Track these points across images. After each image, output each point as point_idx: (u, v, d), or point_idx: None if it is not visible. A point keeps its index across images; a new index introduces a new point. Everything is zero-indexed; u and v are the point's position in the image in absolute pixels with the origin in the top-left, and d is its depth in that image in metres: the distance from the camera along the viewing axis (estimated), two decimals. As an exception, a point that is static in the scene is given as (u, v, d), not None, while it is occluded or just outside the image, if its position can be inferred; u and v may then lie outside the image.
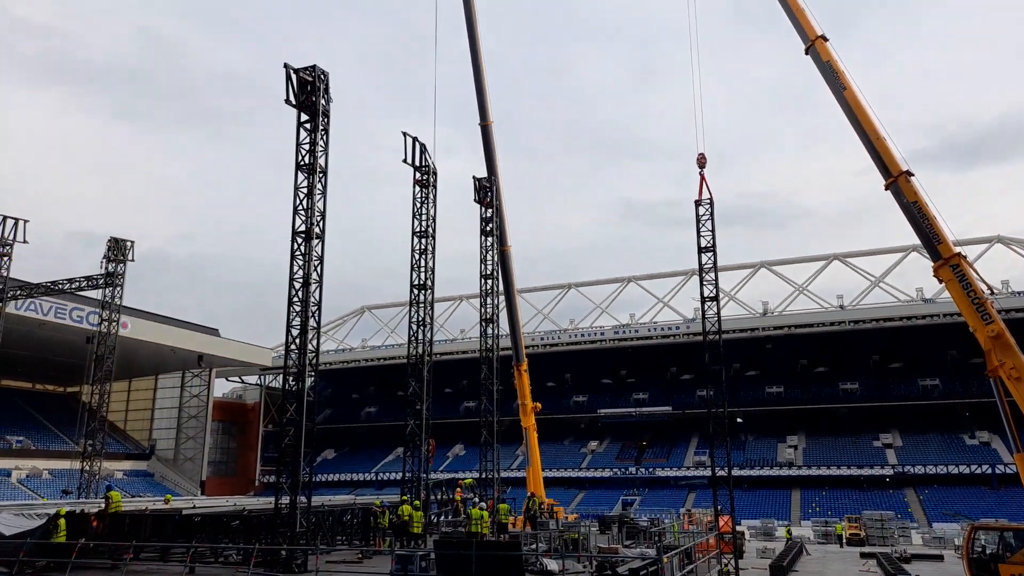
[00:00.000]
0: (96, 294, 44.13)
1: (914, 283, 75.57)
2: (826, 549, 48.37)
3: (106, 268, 41.55)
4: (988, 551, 22.45)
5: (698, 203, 30.03)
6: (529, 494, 35.62)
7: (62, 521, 19.89)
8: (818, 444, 74.34)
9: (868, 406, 74.02)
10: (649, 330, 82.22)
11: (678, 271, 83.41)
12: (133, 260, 41.95)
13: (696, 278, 29.94)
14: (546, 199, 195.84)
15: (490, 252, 35.85)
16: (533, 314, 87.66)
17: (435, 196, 31.10)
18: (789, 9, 28.39)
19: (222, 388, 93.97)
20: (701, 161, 30.45)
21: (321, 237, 22.53)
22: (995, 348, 23.08)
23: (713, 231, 29.54)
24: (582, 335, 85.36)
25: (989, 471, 62.35)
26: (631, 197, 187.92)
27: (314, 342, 21.83)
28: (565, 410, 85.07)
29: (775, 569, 31.64)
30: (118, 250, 41.68)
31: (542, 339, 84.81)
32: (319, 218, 22.50)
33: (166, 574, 18.30)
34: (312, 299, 21.99)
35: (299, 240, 22.15)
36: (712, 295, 29.24)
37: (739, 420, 73.93)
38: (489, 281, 35.75)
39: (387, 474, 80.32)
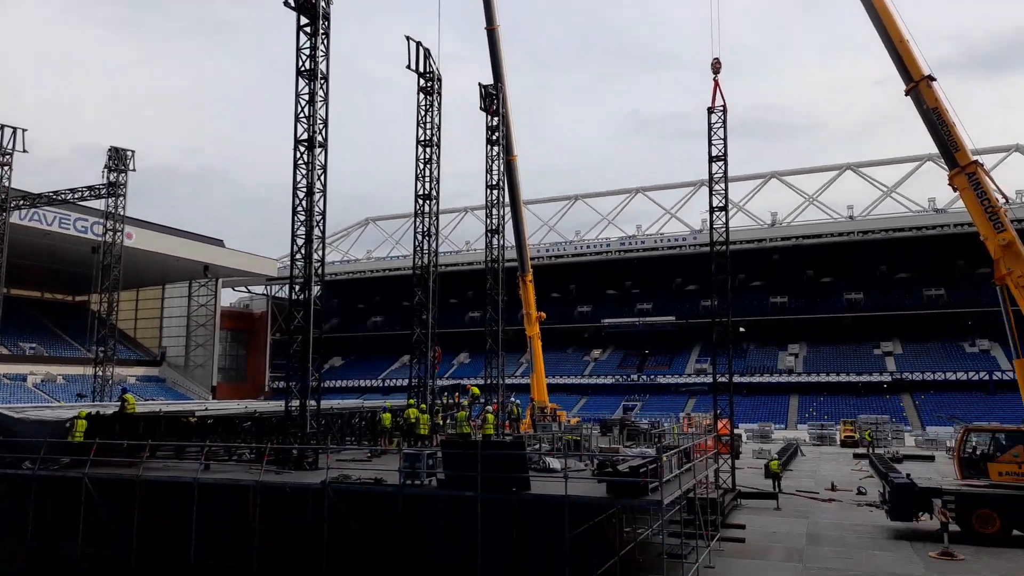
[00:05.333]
0: (100, 204, 43.97)
1: (927, 194, 74.69)
2: (821, 451, 49.94)
3: (108, 178, 41.19)
4: (979, 452, 23.16)
5: (711, 110, 29.22)
6: (531, 400, 36.57)
7: (81, 423, 20.52)
8: (819, 352, 75.44)
9: (871, 315, 74.60)
10: (656, 241, 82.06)
11: (687, 182, 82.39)
12: (135, 170, 41.51)
13: (705, 189, 29.49)
14: (553, 111, 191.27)
15: (496, 162, 35.21)
16: (539, 226, 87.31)
17: (440, 104, 30.24)
18: None
19: (229, 298, 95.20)
20: (716, 66, 29.42)
21: (324, 145, 22.05)
22: (1005, 257, 23.04)
23: (725, 139, 28.86)
24: (588, 247, 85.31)
25: (986, 377, 63.50)
26: (640, 109, 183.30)
27: (319, 251, 21.78)
28: (569, 320, 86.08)
29: (769, 468, 32.69)
30: (119, 159, 41.18)
31: (548, 251, 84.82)
32: (321, 126, 21.96)
33: (182, 470, 18.98)
34: (316, 208, 21.78)
35: (302, 149, 21.72)
36: (721, 205, 28.87)
37: (742, 329, 74.70)
38: (495, 192, 35.30)
39: (394, 380, 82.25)
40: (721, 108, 29.06)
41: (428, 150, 29.41)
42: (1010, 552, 19.74)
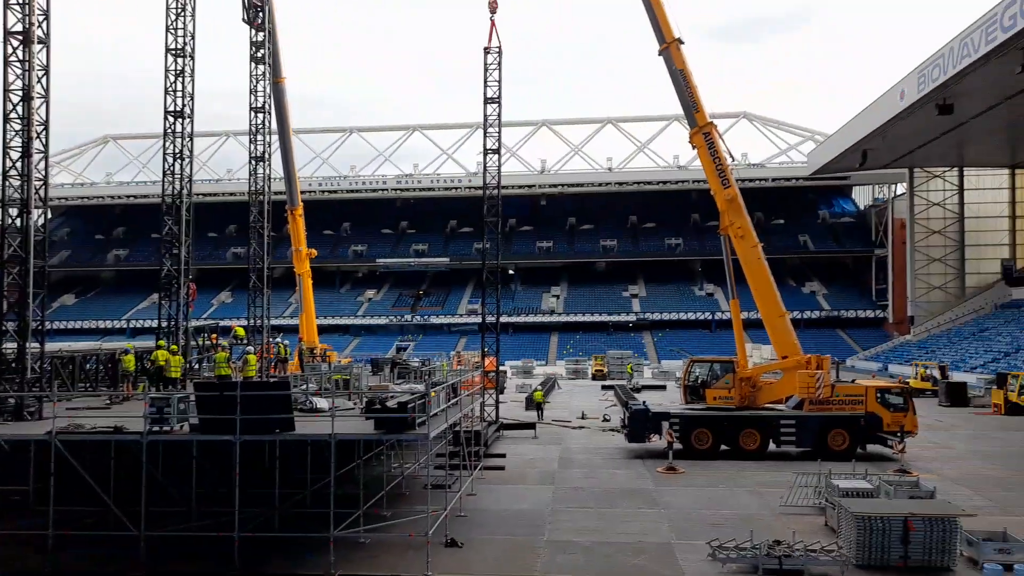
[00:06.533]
0: None
1: (673, 151, 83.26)
2: (575, 383, 54.61)
3: None
4: (700, 380, 26.78)
5: (487, 51, 29.42)
6: (299, 341, 35.32)
7: None
8: (578, 294, 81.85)
9: (622, 261, 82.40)
10: (432, 181, 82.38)
11: (463, 123, 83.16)
12: None
13: (481, 131, 29.89)
14: (330, 34, 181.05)
15: (261, 82, 32.53)
16: (311, 158, 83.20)
17: (194, 6, 26.88)
18: None
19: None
20: (493, 6, 29.57)
21: (45, 42, 18.65)
22: (729, 210, 26.41)
23: (500, 81, 29.34)
24: (363, 183, 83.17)
25: (710, 317, 73.58)
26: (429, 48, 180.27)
27: (41, 167, 18.60)
28: (343, 259, 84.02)
29: (530, 400, 35.14)
30: None
31: (320, 184, 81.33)
32: (42, 17, 18.50)
33: None
34: (37, 117, 18.49)
35: (14, 43, 18.16)
36: (495, 148, 29.49)
37: (511, 271, 78.48)
38: (260, 115, 32.68)
39: (141, 321, 74.59)
40: (497, 49, 29.42)
41: (180, 61, 26.20)
42: (718, 463, 23.30)
